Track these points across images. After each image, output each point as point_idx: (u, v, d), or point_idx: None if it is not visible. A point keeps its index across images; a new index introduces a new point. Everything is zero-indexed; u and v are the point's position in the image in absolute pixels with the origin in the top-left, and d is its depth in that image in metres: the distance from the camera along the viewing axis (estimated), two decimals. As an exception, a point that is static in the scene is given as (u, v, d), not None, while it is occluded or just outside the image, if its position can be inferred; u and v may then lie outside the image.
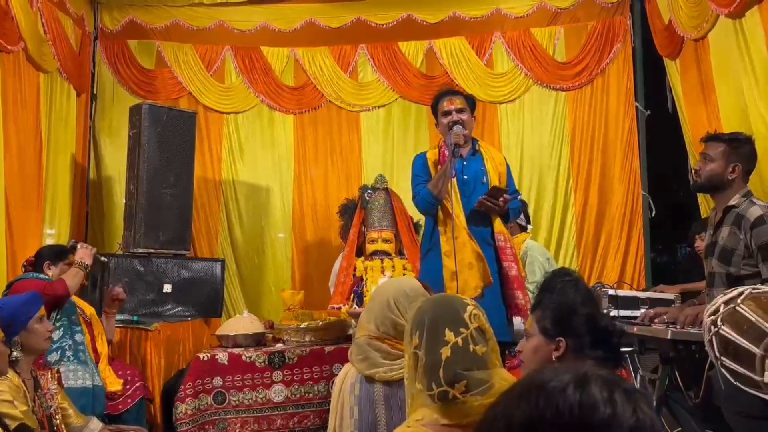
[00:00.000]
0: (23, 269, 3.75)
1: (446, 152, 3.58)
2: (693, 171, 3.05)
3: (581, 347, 1.96)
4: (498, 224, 3.59)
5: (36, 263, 3.69)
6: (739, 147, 2.91)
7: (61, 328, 3.48)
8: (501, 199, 3.45)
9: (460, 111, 3.62)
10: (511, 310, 3.53)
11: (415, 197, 3.65)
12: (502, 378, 1.61)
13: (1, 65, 4.12)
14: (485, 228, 3.57)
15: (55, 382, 2.83)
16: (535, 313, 2.11)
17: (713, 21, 3.92)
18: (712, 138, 2.98)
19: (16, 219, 4.21)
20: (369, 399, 2.18)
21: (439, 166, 3.60)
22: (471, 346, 1.60)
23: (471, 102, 3.74)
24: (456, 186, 3.50)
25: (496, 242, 3.56)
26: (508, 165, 3.78)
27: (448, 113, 3.62)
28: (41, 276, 3.55)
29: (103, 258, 4.00)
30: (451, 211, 3.46)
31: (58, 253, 3.71)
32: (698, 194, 4.35)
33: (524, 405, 0.86)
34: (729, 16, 3.74)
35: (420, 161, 3.75)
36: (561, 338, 2.00)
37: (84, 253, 3.66)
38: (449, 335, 1.60)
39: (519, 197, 3.84)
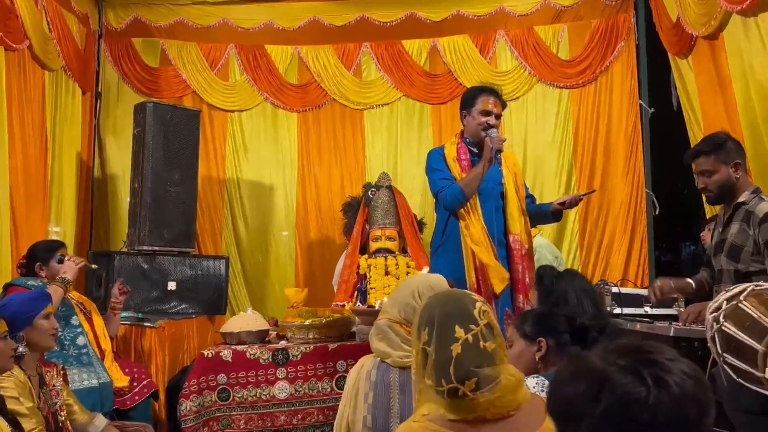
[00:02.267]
0: (18, 270, 3.75)
1: (461, 147, 3.63)
2: (699, 189, 3.00)
3: (561, 345, 2.02)
4: (513, 225, 3.57)
5: (28, 264, 3.69)
6: (725, 146, 2.92)
7: (60, 338, 3.44)
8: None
9: (498, 117, 3.62)
10: (515, 313, 3.51)
11: (443, 191, 3.56)
12: (509, 374, 1.62)
13: (6, 63, 4.13)
14: (499, 228, 3.57)
15: (60, 379, 2.85)
16: (513, 321, 2.18)
17: (721, 18, 3.90)
18: (695, 154, 2.97)
19: (21, 218, 4.22)
20: (385, 384, 2.22)
21: (455, 162, 3.61)
22: (481, 343, 1.61)
23: (503, 105, 3.72)
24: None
25: (510, 243, 3.56)
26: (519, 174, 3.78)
27: (488, 113, 3.59)
28: (29, 283, 3.53)
29: (93, 265, 3.97)
30: (470, 210, 3.51)
31: (48, 251, 3.70)
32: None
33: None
34: (741, 14, 3.72)
35: (437, 155, 3.71)
36: (542, 338, 2.05)
37: (68, 267, 3.59)
38: (459, 332, 1.61)
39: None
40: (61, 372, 2.88)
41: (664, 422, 0.91)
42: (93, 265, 3.95)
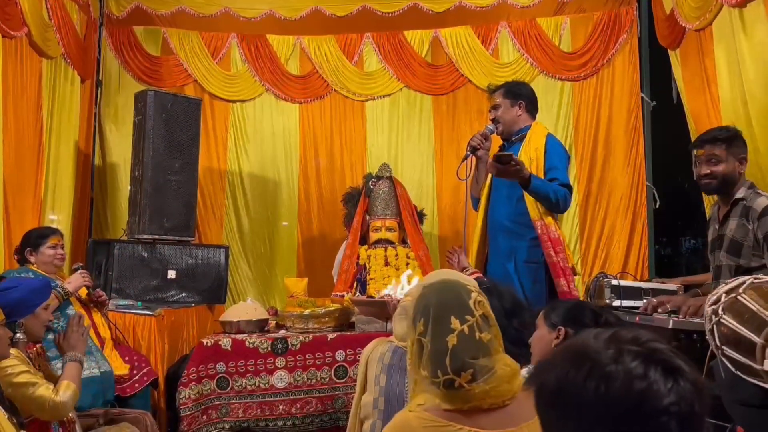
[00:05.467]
0: (15, 257, 3.76)
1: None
2: (702, 175, 2.96)
3: None
4: (532, 211, 3.59)
5: (21, 249, 3.70)
6: (737, 140, 2.93)
7: (59, 329, 3.44)
8: (512, 163, 3.35)
9: (494, 108, 3.82)
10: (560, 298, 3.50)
11: None
12: (505, 364, 1.62)
13: (3, 51, 4.09)
14: (523, 216, 3.62)
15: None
16: (545, 310, 2.21)
17: (716, 11, 3.89)
18: (710, 140, 2.97)
19: (13, 206, 4.19)
20: (401, 367, 2.20)
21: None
22: (477, 334, 1.61)
23: (507, 91, 3.83)
24: (490, 181, 3.79)
25: (536, 230, 3.59)
26: (553, 147, 3.66)
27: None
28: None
29: (97, 293, 3.90)
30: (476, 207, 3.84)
31: (39, 237, 3.71)
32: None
33: (572, 372, 0.94)
34: (735, 6, 3.72)
35: None
36: (561, 327, 2.07)
37: (74, 279, 3.65)
38: (455, 323, 1.61)
39: (558, 183, 3.58)
40: (40, 351, 2.90)
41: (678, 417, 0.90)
42: (95, 291, 3.91)
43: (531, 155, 3.64)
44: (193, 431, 3.65)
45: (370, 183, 4.80)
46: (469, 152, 3.74)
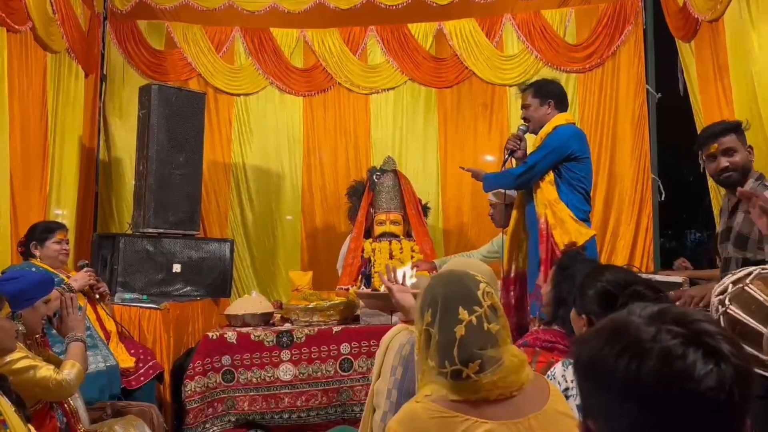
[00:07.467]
0: (18, 249, 3.76)
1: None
2: (721, 169, 2.87)
3: None
4: (539, 205, 3.58)
5: (26, 243, 3.70)
6: (741, 129, 2.90)
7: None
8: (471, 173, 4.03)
9: (524, 107, 3.79)
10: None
11: None
12: (513, 354, 1.61)
13: (9, 45, 4.09)
14: (531, 209, 3.65)
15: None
16: (581, 288, 2.12)
17: (727, 2, 3.87)
18: (722, 132, 2.91)
19: (20, 200, 4.20)
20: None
21: None
22: (485, 325, 1.60)
23: (536, 90, 3.77)
24: None
25: (538, 224, 3.59)
26: (550, 136, 3.63)
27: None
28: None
29: (100, 291, 3.88)
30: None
31: (45, 231, 3.70)
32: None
33: (607, 349, 0.90)
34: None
35: None
36: (584, 315, 2.01)
37: (80, 276, 3.65)
38: (463, 314, 1.60)
39: (519, 165, 3.75)
40: (39, 341, 2.90)
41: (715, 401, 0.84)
42: (99, 292, 3.90)
43: (536, 145, 3.68)
44: (199, 424, 3.66)
45: (374, 176, 4.80)
46: (507, 155, 3.79)
